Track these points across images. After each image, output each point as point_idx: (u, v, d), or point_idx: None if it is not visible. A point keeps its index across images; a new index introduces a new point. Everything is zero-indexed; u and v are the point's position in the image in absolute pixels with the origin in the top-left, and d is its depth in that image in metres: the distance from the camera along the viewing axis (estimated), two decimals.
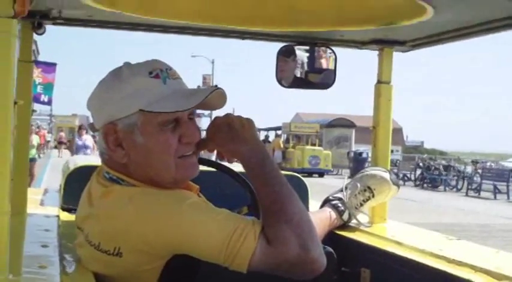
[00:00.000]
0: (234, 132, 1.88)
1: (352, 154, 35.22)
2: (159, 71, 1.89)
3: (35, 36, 2.88)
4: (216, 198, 1.89)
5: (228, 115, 1.92)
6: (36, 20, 2.76)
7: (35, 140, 19.57)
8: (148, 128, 1.85)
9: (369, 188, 2.89)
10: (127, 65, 1.95)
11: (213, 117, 2.05)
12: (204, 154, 2.11)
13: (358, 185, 2.89)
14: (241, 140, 1.87)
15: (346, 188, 2.91)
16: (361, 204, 2.89)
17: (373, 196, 2.89)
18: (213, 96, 1.87)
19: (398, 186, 2.96)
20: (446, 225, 13.82)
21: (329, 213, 2.82)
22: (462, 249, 2.50)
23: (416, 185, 31.24)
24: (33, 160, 18.50)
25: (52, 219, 2.71)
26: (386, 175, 2.91)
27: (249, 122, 1.92)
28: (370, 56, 3.14)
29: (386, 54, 3.05)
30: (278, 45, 3.10)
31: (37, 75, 17.19)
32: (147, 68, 1.90)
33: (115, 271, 1.82)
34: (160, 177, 1.89)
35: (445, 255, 2.28)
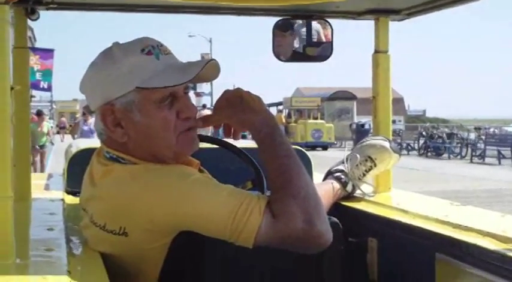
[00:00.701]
0: (245, 103, 1.88)
1: (354, 126, 35.15)
2: (151, 48, 1.89)
3: (30, 23, 2.87)
4: (219, 175, 1.90)
5: (239, 89, 1.92)
6: (29, 6, 2.75)
7: (45, 126, 19.13)
8: (146, 105, 1.85)
9: (369, 157, 2.88)
10: (117, 45, 1.94)
11: (214, 98, 2.06)
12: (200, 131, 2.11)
13: (358, 156, 2.88)
14: (253, 110, 1.88)
15: (347, 159, 2.90)
16: (364, 175, 2.88)
17: (375, 165, 2.88)
18: (207, 68, 1.86)
19: (399, 154, 2.95)
20: (452, 193, 13.84)
21: (332, 185, 2.82)
22: (467, 214, 2.50)
23: (420, 154, 31.23)
24: (41, 147, 18.56)
25: (57, 202, 2.72)
26: (386, 144, 2.90)
27: (258, 97, 1.92)
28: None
29: (382, 23, 3.04)
30: (274, 20, 3.09)
31: (35, 62, 17.17)
32: (139, 45, 1.89)
33: (122, 251, 1.82)
34: (161, 154, 1.89)
35: (451, 221, 2.29)
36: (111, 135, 1.91)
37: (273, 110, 42.64)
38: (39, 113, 19.21)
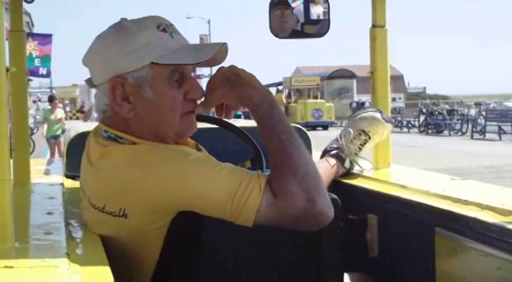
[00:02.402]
0: (242, 79, 1.87)
1: (354, 104, 35.20)
2: (165, 26, 1.89)
3: (29, 8, 2.86)
4: (217, 155, 1.89)
5: (233, 66, 1.90)
6: None
7: (59, 113, 17.35)
8: (158, 83, 1.84)
9: (363, 131, 2.86)
10: (128, 20, 1.93)
11: None
12: None
13: (351, 130, 2.86)
14: (251, 86, 1.86)
15: (341, 136, 2.89)
16: (360, 149, 2.86)
17: (369, 138, 2.86)
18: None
19: (391, 122, 2.92)
20: (453, 170, 13.84)
21: (330, 162, 2.81)
22: (466, 188, 2.50)
23: (420, 131, 31.29)
24: (56, 138, 16.78)
25: (56, 187, 2.72)
26: (377, 115, 2.87)
27: (253, 75, 1.90)
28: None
29: None
30: None
31: (33, 48, 17.17)
32: (154, 22, 1.89)
33: (121, 232, 1.82)
34: (164, 133, 1.89)
35: (450, 195, 2.28)
36: (117, 110, 1.88)
37: (273, 90, 42.63)
38: (51, 99, 18.04)
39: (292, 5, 3.06)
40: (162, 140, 1.89)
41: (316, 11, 3.08)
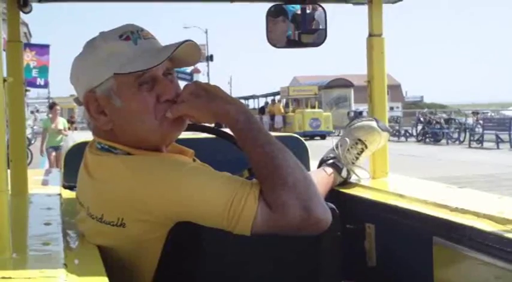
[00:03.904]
0: (213, 94, 1.83)
1: (352, 114, 35.20)
2: (129, 33, 1.89)
3: (26, 19, 2.87)
4: (215, 165, 1.89)
5: (197, 82, 1.90)
6: None
7: (61, 123, 15.18)
8: (125, 91, 1.85)
9: (359, 140, 2.86)
10: (101, 33, 1.96)
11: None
12: None
13: (348, 140, 2.86)
14: (224, 100, 1.82)
15: (337, 146, 2.89)
16: (357, 158, 2.86)
17: (365, 147, 2.86)
18: (185, 50, 1.86)
19: (388, 131, 2.92)
20: (451, 179, 13.80)
21: (327, 171, 2.80)
22: (464, 197, 2.50)
23: (418, 141, 31.28)
24: (57, 149, 14.49)
25: (54, 197, 2.71)
26: (374, 123, 2.87)
27: (219, 87, 1.87)
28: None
29: (376, 6, 3.02)
30: (268, 6, 3.07)
31: (31, 58, 17.14)
32: (118, 32, 1.90)
33: (119, 242, 1.82)
34: (147, 139, 1.89)
35: (448, 204, 2.28)
36: (96, 124, 1.91)
37: (269, 100, 42.63)
38: (52, 106, 16.08)
39: (289, 14, 3.07)
40: (149, 145, 1.90)
41: (313, 20, 3.09)
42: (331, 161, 2.85)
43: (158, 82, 1.87)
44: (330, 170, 2.81)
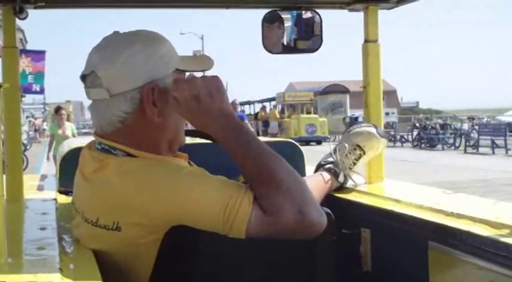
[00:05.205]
0: (201, 107, 1.80)
1: (348, 119, 35.28)
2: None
3: (22, 25, 2.87)
4: (212, 170, 1.89)
5: (193, 83, 1.82)
6: (17, 5, 2.75)
7: (69, 129, 14.24)
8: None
9: (358, 146, 2.86)
10: (139, 31, 2.00)
11: None
12: None
13: (346, 145, 2.86)
14: (209, 114, 1.80)
15: (335, 150, 2.89)
16: (354, 163, 2.87)
17: (364, 153, 2.86)
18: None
19: (386, 137, 2.93)
20: (447, 184, 13.86)
21: (324, 176, 2.80)
22: (460, 202, 2.50)
23: (414, 146, 31.35)
24: None
25: (49, 202, 2.71)
26: (373, 129, 2.87)
27: (217, 87, 1.82)
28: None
29: (372, 12, 3.02)
30: (263, 13, 3.08)
31: (26, 64, 17.14)
32: (154, 33, 1.99)
33: (114, 246, 1.82)
34: (172, 142, 1.97)
35: (443, 209, 2.28)
36: (148, 113, 1.88)
37: (266, 106, 42.65)
38: (58, 110, 14.71)
39: (285, 20, 3.08)
40: (157, 150, 1.91)
41: (309, 26, 3.10)
42: (328, 165, 2.85)
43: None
44: (327, 174, 2.81)
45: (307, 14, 3.08)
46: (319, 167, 2.88)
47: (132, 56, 1.88)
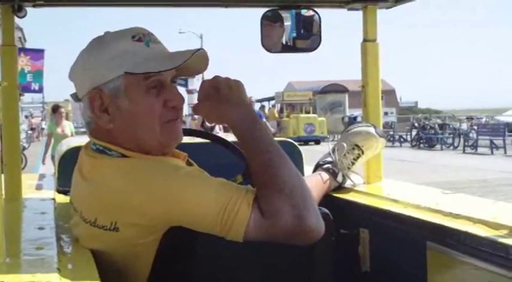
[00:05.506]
0: (221, 96, 1.84)
1: (346, 119, 35.25)
2: (141, 35, 1.89)
3: (21, 24, 2.86)
4: (209, 170, 1.89)
5: (215, 78, 1.88)
6: (16, 3, 2.75)
7: (68, 127, 14.13)
8: (134, 92, 1.85)
9: (356, 145, 2.86)
10: (108, 32, 1.95)
11: None
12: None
13: (345, 145, 2.86)
14: (230, 103, 1.83)
15: (334, 150, 2.89)
16: (353, 163, 2.87)
17: (362, 153, 2.86)
18: (196, 59, 1.86)
19: (385, 137, 2.93)
20: (445, 184, 13.85)
21: (322, 176, 2.80)
22: (458, 202, 2.50)
23: (412, 146, 31.34)
24: None
25: (48, 202, 2.70)
26: (371, 129, 2.87)
27: (238, 83, 1.87)
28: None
29: (370, 11, 3.02)
30: (262, 11, 3.07)
31: (25, 63, 17.12)
32: (130, 32, 1.90)
33: (112, 246, 1.82)
34: (146, 144, 1.88)
35: (442, 209, 2.28)
36: (97, 122, 1.89)
37: (266, 105, 42.63)
38: (55, 109, 14.58)
39: (284, 19, 3.07)
40: (145, 150, 1.89)
41: (307, 25, 3.09)
42: (327, 165, 2.85)
43: (166, 88, 1.88)
44: (325, 175, 2.81)
45: (306, 13, 3.07)
46: (317, 167, 2.88)
47: (82, 61, 1.93)
